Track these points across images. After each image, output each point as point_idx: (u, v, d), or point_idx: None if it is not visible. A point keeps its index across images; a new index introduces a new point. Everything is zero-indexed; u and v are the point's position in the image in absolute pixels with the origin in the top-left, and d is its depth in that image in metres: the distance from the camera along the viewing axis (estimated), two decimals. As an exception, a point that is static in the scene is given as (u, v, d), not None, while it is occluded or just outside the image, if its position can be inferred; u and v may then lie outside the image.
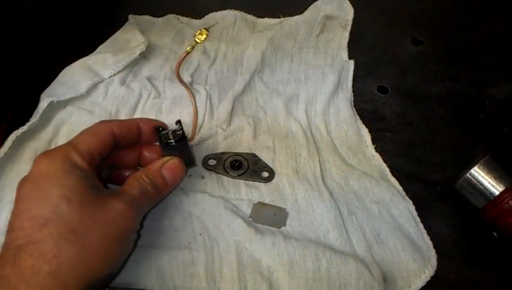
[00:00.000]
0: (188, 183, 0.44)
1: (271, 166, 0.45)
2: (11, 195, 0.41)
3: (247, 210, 0.42)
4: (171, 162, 0.39)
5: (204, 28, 0.41)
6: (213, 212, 0.41)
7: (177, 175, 0.39)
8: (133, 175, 0.37)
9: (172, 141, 0.40)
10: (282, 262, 0.38)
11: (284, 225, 0.41)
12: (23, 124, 0.45)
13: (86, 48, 0.55)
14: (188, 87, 0.44)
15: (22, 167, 0.44)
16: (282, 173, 0.45)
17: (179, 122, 0.41)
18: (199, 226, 0.40)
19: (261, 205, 0.42)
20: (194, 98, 0.42)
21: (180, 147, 0.40)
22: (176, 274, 0.38)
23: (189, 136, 0.46)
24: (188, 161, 0.41)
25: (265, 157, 0.46)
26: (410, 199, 0.43)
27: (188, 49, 0.40)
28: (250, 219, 0.41)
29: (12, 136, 0.44)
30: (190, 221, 0.41)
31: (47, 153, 0.34)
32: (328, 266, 0.38)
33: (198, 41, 0.42)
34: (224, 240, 0.40)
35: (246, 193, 0.44)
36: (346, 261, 0.38)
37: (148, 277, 0.37)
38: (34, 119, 0.46)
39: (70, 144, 0.35)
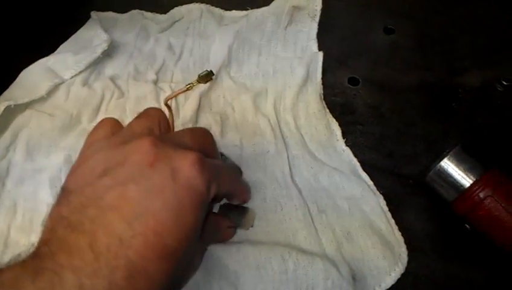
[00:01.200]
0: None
1: (239, 165, 0.44)
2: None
3: (213, 210, 0.41)
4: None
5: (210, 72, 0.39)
6: None
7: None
8: None
9: None
10: (248, 266, 0.37)
11: (252, 226, 0.40)
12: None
13: (47, 47, 0.53)
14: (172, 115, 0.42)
15: (-20, 174, 0.42)
16: (250, 171, 0.44)
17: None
18: None
19: (227, 206, 0.41)
20: (171, 112, 0.40)
21: None
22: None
23: None
24: None
25: (233, 155, 0.45)
26: (382, 193, 0.42)
27: (188, 86, 0.38)
28: None
29: (-33, 144, 0.42)
30: None
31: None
32: (295, 267, 0.37)
33: (200, 82, 0.40)
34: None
35: (212, 193, 0.42)
36: (313, 261, 0.37)
37: None
38: (-10, 125, 0.44)
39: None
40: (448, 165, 0.39)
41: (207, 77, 0.40)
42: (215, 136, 0.46)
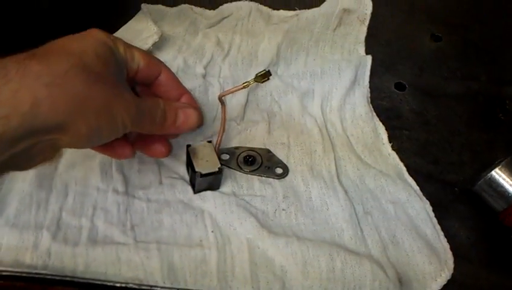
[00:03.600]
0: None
1: (285, 162, 0.44)
2: (22, 182, 0.41)
3: (261, 206, 0.41)
4: (190, 110, 0.39)
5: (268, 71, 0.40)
6: (225, 209, 0.40)
7: (188, 126, 0.39)
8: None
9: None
10: (296, 262, 0.37)
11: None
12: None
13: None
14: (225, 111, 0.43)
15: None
16: (296, 169, 0.44)
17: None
18: (211, 223, 0.40)
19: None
20: (225, 107, 0.41)
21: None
22: (188, 272, 0.37)
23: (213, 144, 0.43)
24: (215, 186, 0.42)
25: (280, 153, 0.45)
26: (427, 199, 0.42)
27: (244, 84, 0.39)
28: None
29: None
30: (201, 218, 0.40)
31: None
32: (343, 266, 0.37)
33: (257, 81, 0.41)
34: (237, 238, 0.39)
35: (260, 189, 0.43)
36: (361, 261, 0.37)
37: (159, 274, 0.37)
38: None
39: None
40: (499, 175, 0.39)
41: (264, 76, 0.40)
42: (263, 131, 0.46)
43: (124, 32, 0.55)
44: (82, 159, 0.44)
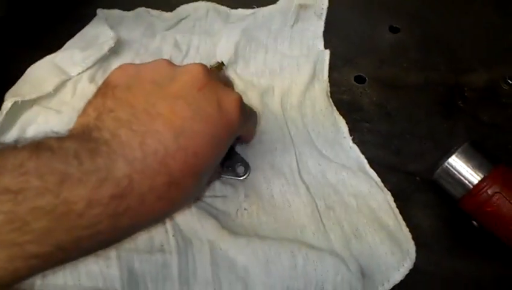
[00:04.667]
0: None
1: (246, 160, 0.44)
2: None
3: (222, 207, 0.41)
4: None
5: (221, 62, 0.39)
6: (185, 212, 0.40)
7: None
8: None
9: None
10: (258, 261, 0.37)
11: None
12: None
13: (54, 44, 0.53)
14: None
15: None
16: (258, 168, 0.44)
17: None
18: (172, 227, 0.39)
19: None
20: None
21: None
22: (148, 277, 0.37)
23: None
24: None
25: (241, 152, 0.45)
26: (389, 190, 0.42)
27: None
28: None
29: (-25, 139, 0.42)
30: (162, 222, 0.39)
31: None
32: (304, 262, 0.37)
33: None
34: (198, 241, 0.38)
35: (220, 189, 0.42)
36: (322, 257, 0.37)
37: (119, 282, 0.36)
38: (-2, 120, 0.44)
39: None
40: (456, 162, 0.39)
41: (218, 67, 0.40)
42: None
43: (80, 39, 0.54)
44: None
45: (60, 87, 0.48)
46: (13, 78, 0.49)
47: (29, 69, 0.49)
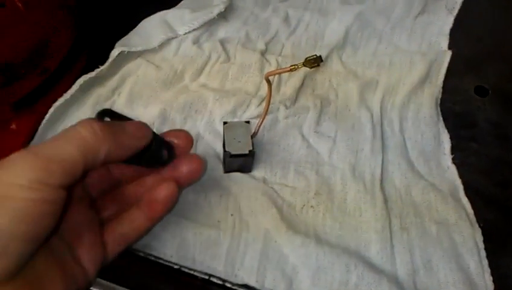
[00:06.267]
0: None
1: (327, 157, 0.41)
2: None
3: (289, 198, 0.39)
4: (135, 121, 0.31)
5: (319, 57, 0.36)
6: (250, 195, 0.39)
7: (142, 128, 0.30)
8: None
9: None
10: (309, 264, 0.35)
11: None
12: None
13: (172, 2, 0.54)
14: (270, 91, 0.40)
15: (86, 110, 0.45)
16: (337, 167, 0.41)
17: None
18: (233, 206, 0.38)
19: None
20: (270, 88, 0.38)
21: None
22: (198, 250, 0.36)
23: (252, 129, 0.40)
24: (246, 169, 0.40)
25: (323, 146, 0.42)
26: (481, 227, 0.37)
27: (292, 67, 0.36)
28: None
29: (80, 80, 0.45)
30: (225, 199, 0.39)
31: None
32: (358, 281, 0.34)
33: (306, 66, 0.37)
34: (255, 227, 0.37)
35: (293, 179, 0.40)
36: (380, 281, 0.33)
37: (170, 246, 0.36)
38: (104, 66, 0.46)
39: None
40: None
41: (314, 62, 0.37)
42: (311, 121, 0.43)
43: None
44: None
45: (165, 43, 0.49)
46: (128, 29, 0.51)
47: (142, 22, 0.51)
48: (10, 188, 0.23)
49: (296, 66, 0.38)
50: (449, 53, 0.45)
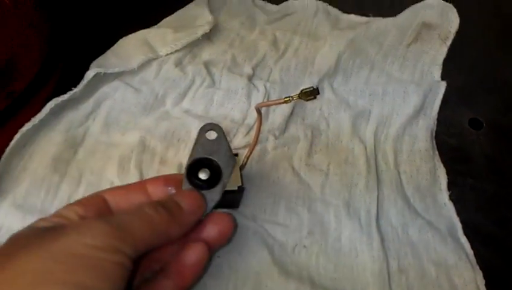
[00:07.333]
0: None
1: (319, 192, 0.39)
2: (38, 163, 0.39)
3: (281, 237, 0.36)
4: (184, 190, 0.30)
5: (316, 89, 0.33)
6: (240, 233, 0.36)
7: (197, 200, 0.29)
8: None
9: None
10: (304, 313, 0.32)
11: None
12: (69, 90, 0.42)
13: (152, 19, 0.51)
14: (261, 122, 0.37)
15: (56, 136, 0.41)
16: (331, 202, 0.38)
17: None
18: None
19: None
20: (260, 119, 0.35)
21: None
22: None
23: (240, 161, 0.37)
24: (234, 205, 0.37)
25: (315, 180, 0.39)
26: (481, 268, 0.35)
27: (286, 99, 0.33)
28: None
29: (51, 104, 0.41)
30: None
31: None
32: (357, 331, 0.31)
33: (301, 98, 0.34)
34: (244, 270, 0.34)
35: (284, 217, 0.38)
36: (379, 330, 0.31)
37: None
38: (77, 88, 0.42)
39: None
40: None
41: (311, 94, 0.35)
42: (302, 152, 0.41)
43: (178, 18, 0.52)
44: (104, 148, 0.41)
45: (145, 65, 0.46)
46: (105, 48, 0.47)
47: (120, 41, 0.48)
48: (91, 250, 0.23)
49: (290, 98, 0.36)
50: (444, 84, 0.44)
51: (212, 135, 0.32)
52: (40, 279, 0.21)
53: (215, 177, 0.31)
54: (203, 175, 0.31)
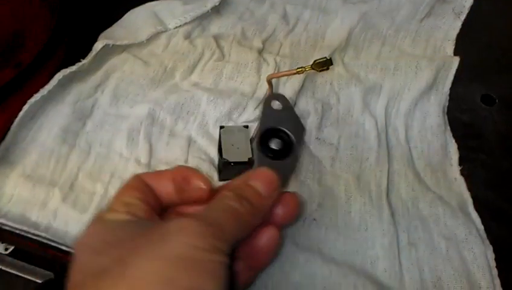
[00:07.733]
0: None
1: (329, 166, 0.39)
2: (47, 134, 0.39)
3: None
4: (259, 170, 0.29)
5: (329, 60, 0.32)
6: None
7: (273, 183, 0.29)
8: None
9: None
10: (314, 284, 0.32)
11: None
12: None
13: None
14: (272, 91, 0.36)
15: (65, 108, 0.41)
16: (340, 177, 0.38)
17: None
18: None
19: None
20: (271, 91, 0.35)
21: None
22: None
23: (250, 134, 0.37)
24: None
25: (325, 154, 0.39)
26: (491, 243, 0.35)
27: (298, 70, 0.32)
28: None
29: (59, 75, 0.40)
30: None
31: None
32: (366, 302, 0.31)
33: (314, 69, 0.33)
34: None
35: (294, 190, 0.37)
36: (388, 301, 0.31)
37: None
38: (86, 60, 0.42)
39: None
40: None
41: (324, 64, 0.34)
42: (312, 126, 0.40)
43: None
44: (113, 120, 0.41)
45: (153, 38, 0.45)
46: (112, 21, 0.47)
47: (127, 14, 0.47)
48: (197, 252, 0.22)
49: (303, 69, 0.35)
50: (457, 59, 0.43)
51: (276, 106, 0.31)
52: (166, 287, 0.21)
53: (286, 147, 0.30)
54: (274, 145, 0.30)
